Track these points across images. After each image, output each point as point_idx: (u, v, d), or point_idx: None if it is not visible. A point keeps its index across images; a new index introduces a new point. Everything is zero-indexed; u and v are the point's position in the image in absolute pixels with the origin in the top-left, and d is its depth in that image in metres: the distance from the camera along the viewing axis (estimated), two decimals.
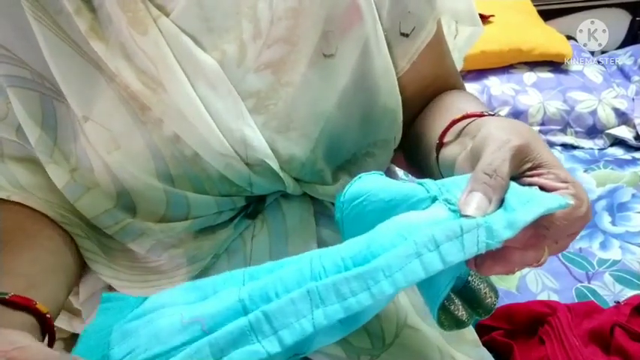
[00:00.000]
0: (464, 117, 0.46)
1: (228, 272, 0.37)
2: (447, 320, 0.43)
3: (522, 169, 0.37)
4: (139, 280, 0.56)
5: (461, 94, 0.57)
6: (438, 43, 0.56)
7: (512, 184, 0.36)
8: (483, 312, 0.43)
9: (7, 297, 0.41)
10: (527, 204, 0.34)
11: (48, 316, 0.43)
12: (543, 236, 0.35)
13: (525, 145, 0.37)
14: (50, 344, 0.44)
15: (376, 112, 0.54)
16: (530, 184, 0.37)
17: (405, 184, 0.38)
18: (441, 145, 0.47)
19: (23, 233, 0.49)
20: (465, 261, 0.35)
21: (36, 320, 0.43)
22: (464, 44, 0.66)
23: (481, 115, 0.45)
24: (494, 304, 0.43)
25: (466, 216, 0.34)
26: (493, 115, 0.44)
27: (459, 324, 0.43)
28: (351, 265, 0.34)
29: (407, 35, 0.53)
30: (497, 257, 0.35)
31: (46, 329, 0.43)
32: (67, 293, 0.50)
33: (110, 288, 0.57)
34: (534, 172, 0.37)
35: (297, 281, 0.34)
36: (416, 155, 0.56)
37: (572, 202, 0.35)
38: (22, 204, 0.51)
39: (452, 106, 0.52)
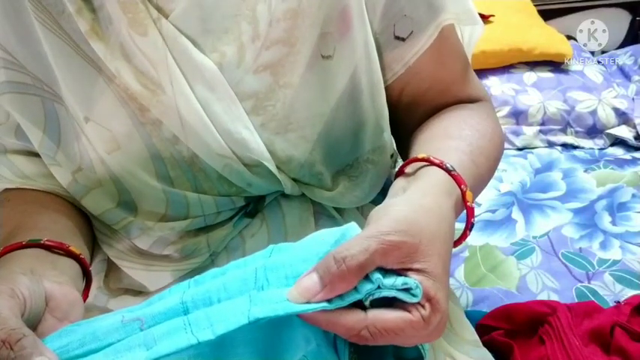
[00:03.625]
0: (425, 160, 0.45)
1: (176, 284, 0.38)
2: None
3: (403, 266, 0.36)
4: (142, 263, 0.57)
5: (461, 118, 0.54)
6: (441, 47, 0.54)
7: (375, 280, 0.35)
8: None
9: (42, 241, 0.44)
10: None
11: (82, 256, 0.46)
12: (365, 339, 0.35)
13: (408, 245, 0.35)
14: (87, 286, 0.48)
15: (369, 118, 0.54)
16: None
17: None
18: (400, 173, 0.47)
19: (39, 202, 0.52)
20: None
21: (78, 265, 0.46)
22: (467, 46, 0.64)
23: (438, 165, 0.44)
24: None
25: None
26: (450, 171, 0.43)
27: None
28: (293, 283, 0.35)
29: (403, 39, 0.53)
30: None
31: (85, 273, 0.47)
32: (88, 251, 0.52)
33: (109, 264, 0.59)
34: (412, 274, 0.36)
35: (239, 290, 0.35)
36: None
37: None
38: (31, 189, 0.53)
39: (440, 135, 0.51)
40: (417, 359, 0.43)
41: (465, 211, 0.45)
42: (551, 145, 1.53)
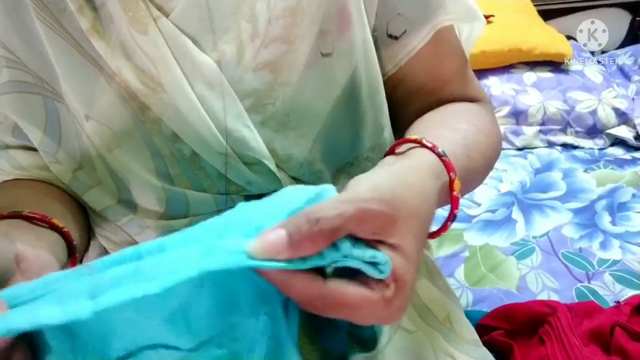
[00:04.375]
0: (417, 141, 0.43)
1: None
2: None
3: (377, 237, 0.33)
4: None
5: (458, 112, 0.53)
6: (434, 47, 0.53)
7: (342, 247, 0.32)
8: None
9: (24, 212, 0.44)
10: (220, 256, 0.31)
11: (65, 230, 0.46)
12: (317, 309, 0.32)
13: (385, 216, 0.33)
14: (72, 261, 0.47)
15: (368, 116, 0.54)
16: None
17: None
18: (389, 153, 0.45)
19: (31, 189, 0.52)
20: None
21: (61, 237, 0.46)
22: (465, 43, 0.63)
23: (431, 149, 0.42)
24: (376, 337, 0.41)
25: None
26: (440, 155, 0.41)
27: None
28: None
29: (396, 38, 0.52)
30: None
31: (70, 248, 0.47)
32: (80, 240, 0.51)
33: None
34: (384, 248, 0.33)
35: (197, 241, 0.32)
36: None
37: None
38: (29, 180, 0.53)
39: (436, 124, 0.50)
40: (370, 341, 0.41)
41: (449, 202, 0.43)
42: (551, 145, 1.53)
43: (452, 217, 0.43)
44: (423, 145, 0.43)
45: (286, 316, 0.37)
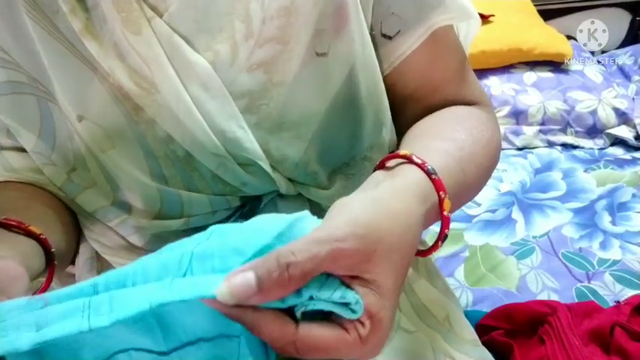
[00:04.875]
0: (406, 157, 0.42)
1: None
2: None
3: (351, 274, 0.32)
4: (134, 259, 0.56)
5: (453, 119, 0.52)
6: (430, 48, 0.52)
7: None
8: None
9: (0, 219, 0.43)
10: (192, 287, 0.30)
11: (43, 237, 0.45)
12: (290, 353, 0.31)
13: (360, 253, 0.32)
14: (50, 268, 0.46)
15: (367, 116, 0.54)
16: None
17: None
18: (380, 167, 0.44)
19: (19, 192, 0.52)
20: None
21: (38, 244, 0.45)
22: (463, 42, 0.61)
23: (420, 166, 0.41)
24: None
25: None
26: (430, 174, 0.40)
27: None
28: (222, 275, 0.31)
29: (389, 37, 0.52)
30: None
31: (48, 255, 0.46)
32: (69, 246, 0.51)
33: (99, 257, 0.58)
34: (358, 284, 0.32)
35: (158, 276, 0.32)
36: None
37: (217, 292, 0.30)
38: (19, 182, 0.53)
39: (425, 135, 0.49)
40: None
41: (439, 220, 0.42)
42: (551, 145, 1.53)
43: (442, 237, 0.41)
44: (413, 162, 0.41)
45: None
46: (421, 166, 0.41)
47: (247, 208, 0.56)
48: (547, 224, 1.18)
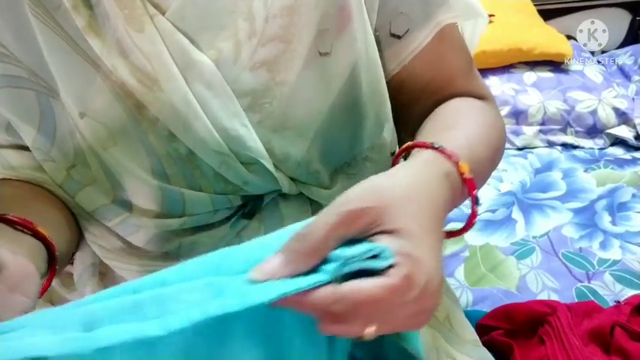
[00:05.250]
0: (411, 146, 0.43)
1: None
2: None
3: (370, 232, 0.34)
4: (135, 264, 0.56)
5: (459, 109, 0.53)
6: (438, 45, 0.53)
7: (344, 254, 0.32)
8: None
9: (8, 216, 0.42)
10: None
11: (49, 239, 0.44)
12: (340, 316, 0.32)
13: (371, 209, 0.33)
14: (52, 270, 0.46)
15: (369, 116, 0.54)
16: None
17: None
18: (393, 164, 0.46)
19: (19, 191, 0.51)
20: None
21: (43, 245, 0.45)
22: (470, 41, 0.62)
23: (425, 146, 0.42)
24: None
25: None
26: (437, 148, 0.41)
27: None
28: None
29: (398, 37, 0.52)
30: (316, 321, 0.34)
31: (51, 258, 0.45)
32: (68, 247, 0.51)
33: (102, 263, 0.58)
34: (383, 236, 0.33)
35: (198, 274, 0.33)
36: None
37: (321, 278, 0.32)
38: (17, 180, 0.52)
39: (434, 126, 0.50)
40: None
41: (465, 191, 0.42)
42: (551, 144, 1.53)
43: (475, 200, 0.41)
44: (419, 146, 0.42)
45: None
46: (424, 145, 0.42)
47: (249, 207, 0.56)
48: (547, 224, 1.18)
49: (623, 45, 1.98)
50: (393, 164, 0.45)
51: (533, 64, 1.67)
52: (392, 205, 0.34)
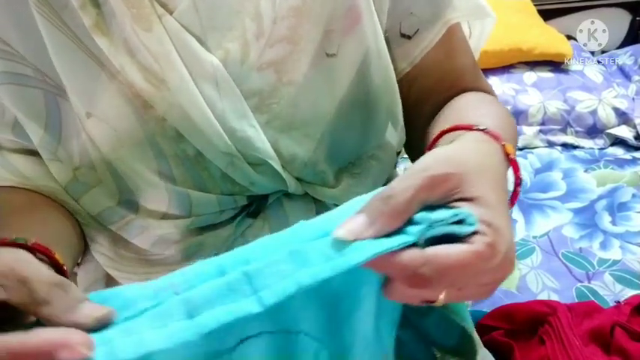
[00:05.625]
0: (452, 129, 0.44)
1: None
2: None
3: (449, 199, 0.34)
4: (141, 272, 0.56)
5: (478, 98, 0.54)
6: (446, 43, 0.54)
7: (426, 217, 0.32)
8: (465, 357, 0.41)
9: (28, 242, 0.41)
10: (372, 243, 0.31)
11: (65, 268, 0.44)
12: (426, 279, 0.31)
13: (452, 175, 0.33)
14: None
15: (378, 114, 0.54)
16: None
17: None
18: (430, 149, 0.45)
19: (31, 204, 0.51)
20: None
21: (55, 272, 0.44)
22: (477, 40, 0.64)
23: (468, 128, 0.42)
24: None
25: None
26: (483, 130, 0.41)
27: None
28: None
29: (409, 37, 0.53)
30: (387, 285, 0.34)
31: None
32: (72, 265, 0.50)
33: (109, 277, 0.58)
34: (463, 203, 0.33)
35: (280, 247, 0.32)
36: None
37: (409, 239, 0.31)
38: (23, 188, 0.52)
39: (460, 113, 0.50)
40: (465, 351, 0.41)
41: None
42: (551, 145, 1.53)
43: (519, 182, 0.41)
44: (462, 128, 0.42)
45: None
46: (471, 128, 0.42)
47: (253, 206, 0.56)
48: (547, 224, 1.18)
49: (623, 45, 1.98)
50: (430, 149, 0.45)
51: (533, 64, 1.67)
52: (471, 173, 0.34)
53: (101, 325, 0.30)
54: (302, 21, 0.48)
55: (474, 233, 0.32)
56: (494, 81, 1.62)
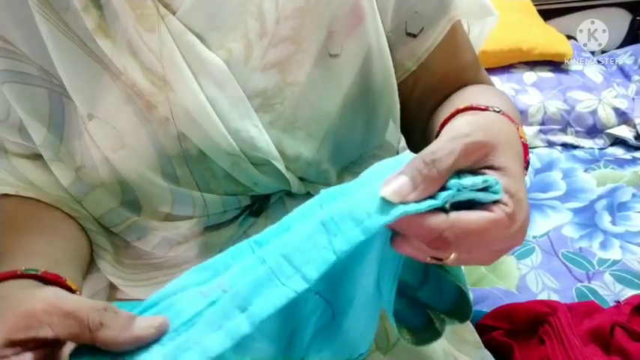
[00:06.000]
0: (467, 108, 0.44)
1: (232, 247, 0.35)
2: (413, 336, 0.42)
3: (478, 166, 0.35)
4: (143, 279, 0.56)
5: (483, 88, 0.55)
6: (451, 40, 0.55)
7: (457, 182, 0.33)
8: (459, 318, 0.42)
9: (38, 273, 0.42)
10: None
11: (78, 293, 0.44)
12: (448, 242, 0.32)
13: (488, 144, 0.34)
14: None
15: (380, 114, 0.54)
16: None
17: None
18: (440, 131, 0.45)
19: (37, 220, 0.50)
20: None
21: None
22: (477, 38, 0.65)
23: (485, 110, 0.43)
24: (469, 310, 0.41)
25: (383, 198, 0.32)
26: (499, 112, 0.42)
27: (432, 336, 0.42)
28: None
29: (414, 36, 0.53)
30: (400, 239, 0.34)
31: None
32: (82, 280, 0.50)
33: (112, 287, 0.58)
34: (490, 171, 0.35)
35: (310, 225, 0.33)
36: None
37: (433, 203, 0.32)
38: (29, 198, 0.52)
39: (467, 99, 0.50)
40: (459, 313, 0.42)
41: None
42: (551, 144, 1.53)
43: (526, 165, 0.42)
44: (478, 109, 0.43)
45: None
46: (487, 109, 0.42)
47: (256, 205, 0.56)
48: (547, 224, 1.18)
49: (623, 45, 1.98)
50: (441, 129, 0.45)
51: (533, 64, 1.67)
52: (502, 144, 0.35)
53: (160, 334, 0.31)
54: (305, 21, 0.48)
55: (496, 201, 0.33)
56: (494, 81, 1.61)
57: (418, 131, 0.58)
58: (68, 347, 0.33)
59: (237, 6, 0.47)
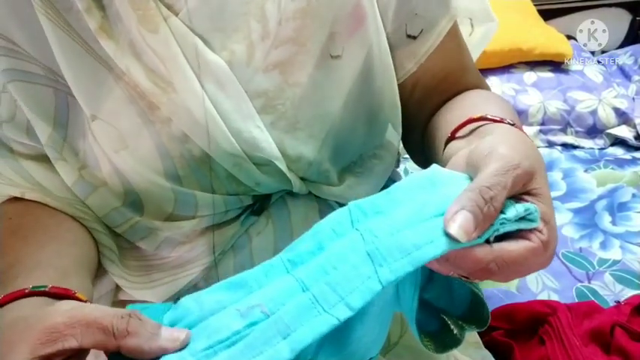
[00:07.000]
0: (482, 118, 0.44)
1: (266, 263, 0.35)
2: (432, 342, 0.42)
3: (518, 192, 0.36)
4: (146, 281, 0.56)
5: (485, 95, 0.55)
6: (450, 41, 0.55)
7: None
8: (476, 324, 0.42)
9: (47, 289, 0.42)
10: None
11: (89, 303, 0.43)
12: (492, 272, 0.34)
13: (531, 172, 0.35)
14: None
15: (380, 115, 0.54)
16: None
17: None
18: (451, 138, 0.46)
19: (43, 227, 0.50)
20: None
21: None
22: (479, 42, 0.65)
23: (500, 122, 0.43)
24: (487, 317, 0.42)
25: (447, 233, 0.32)
26: (513, 125, 0.42)
27: (451, 342, 0.42)
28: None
29: (414, 37, 0.53)
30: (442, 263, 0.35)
31: None
32: (92, 285, 0.50)
33: (117, 289, 0.58)
34: (526, 197, 0.36)
35: (352, 250, 0.33)
36: (429, 150, 0.56)
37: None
38: (39, 203, 0.51)
39: (473, 107, 0.50)
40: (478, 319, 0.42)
41: None
42: (551, 145, 1.53)
43: None
44: (492, 120, 0.43)
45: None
46: (502, 121, 0.43)
47: (257, 205, 0.56)
48: None
49: (623, 45, 1.97)
50: (452, 136, 0.46)
51: (533, 64, 1.67)
52: (539, 170, 0.36)
53: (182, 348, 0.32)
54: (307, 23, 0.48)
55: (533, 228, 0.34)
56: (494, 81, 1.62)
57: (416, 132, 0.58)
58: (93, 355, 0.34)
59: (240, 7, 0.47)
